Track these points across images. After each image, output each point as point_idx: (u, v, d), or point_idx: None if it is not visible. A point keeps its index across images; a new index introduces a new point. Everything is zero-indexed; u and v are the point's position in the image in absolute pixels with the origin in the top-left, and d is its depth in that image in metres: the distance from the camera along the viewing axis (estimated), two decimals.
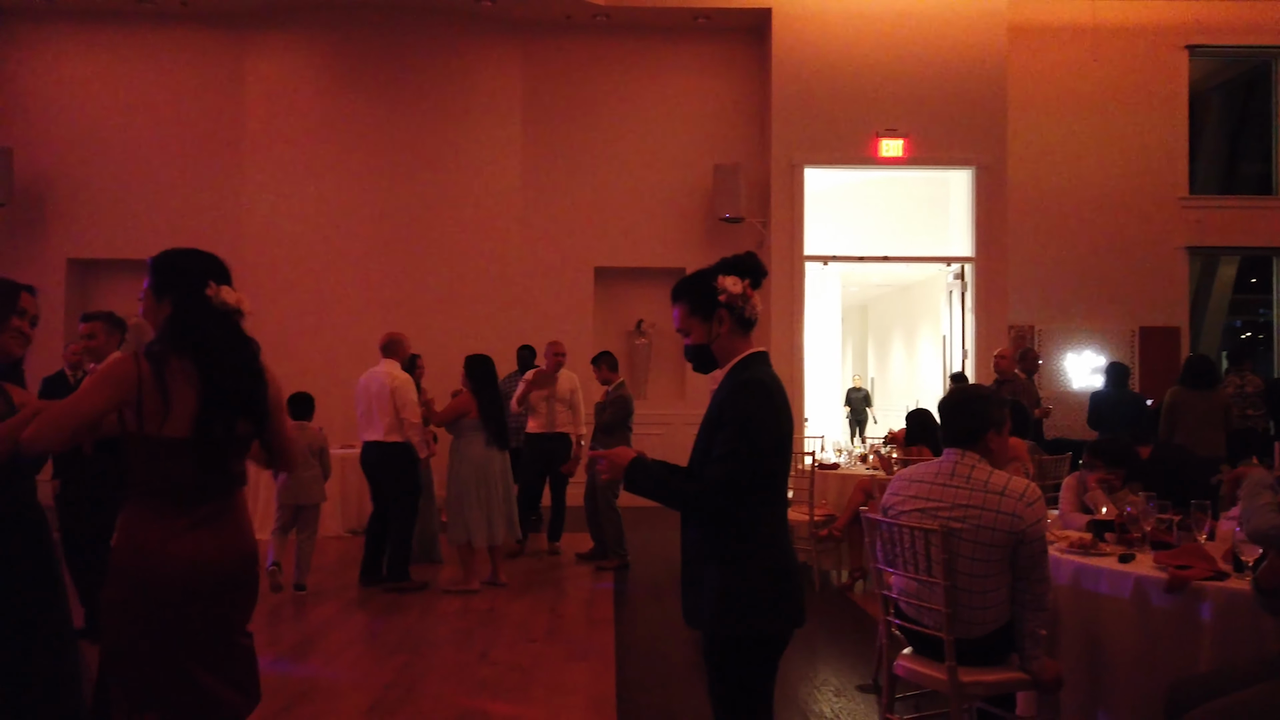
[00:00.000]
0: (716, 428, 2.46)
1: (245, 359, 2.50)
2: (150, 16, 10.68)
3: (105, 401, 2.31)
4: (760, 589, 2.42)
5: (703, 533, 2.50)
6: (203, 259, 2.51)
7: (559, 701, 4.34)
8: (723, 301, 2.52)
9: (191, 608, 2.36)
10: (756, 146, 10.90)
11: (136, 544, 2.35)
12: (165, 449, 2.35)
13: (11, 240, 10.52)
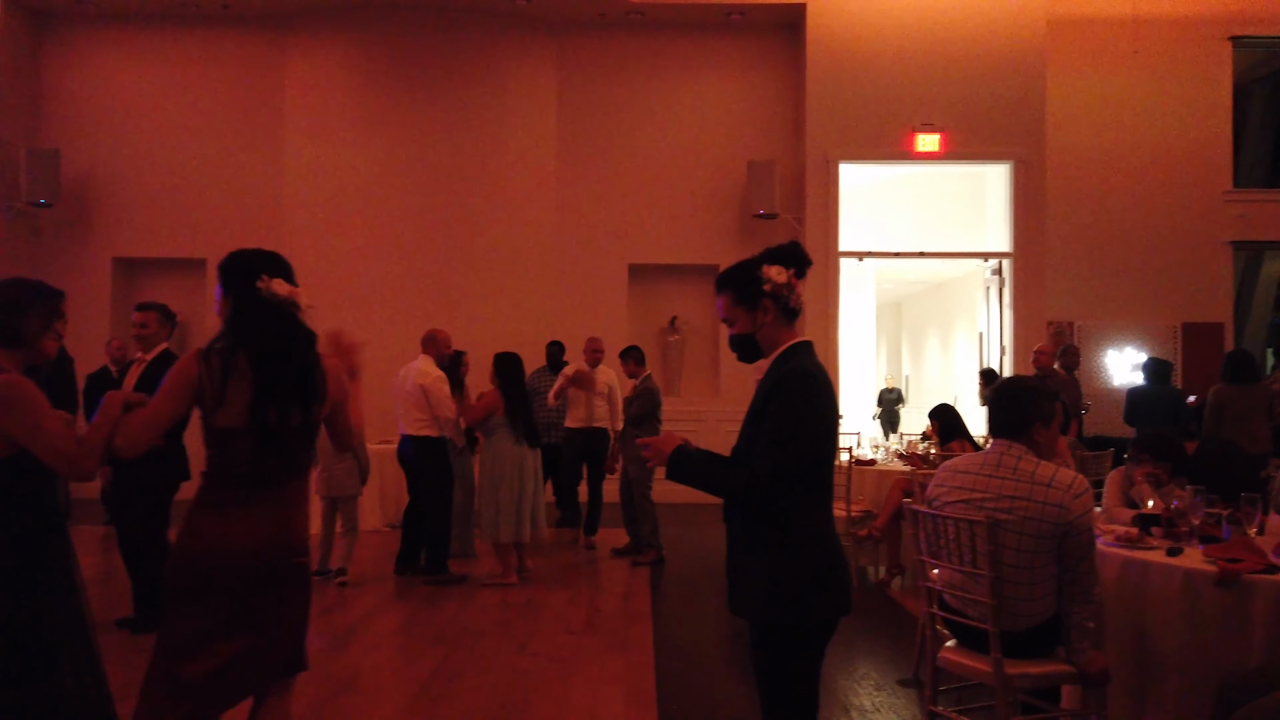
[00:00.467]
0: (762, 417, 2.47)
1: (296, 350, 2.57)
2: (192, 19, 10.87)
3: (181, 402, 2.49)
4: (807, 577, 2.43)
5: (749, 521, 2.51)
6: (258, 256, 2.64)
7: (599, 693, 4.37)
8: (767, 291, 2.53)
9: (212, 590, 2.47)
10: (791, 142, 10.87)
11: (185, 525, 2.52)
12: (223, 437, 2.48)
13: (58, 239, 10.75)
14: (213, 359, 2.50)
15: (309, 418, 2.59)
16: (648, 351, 10.79)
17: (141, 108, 10.93)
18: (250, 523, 2.50)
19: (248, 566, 2.49)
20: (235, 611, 2.49)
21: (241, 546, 2.49)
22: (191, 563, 2.48)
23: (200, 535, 2.49)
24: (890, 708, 4.21)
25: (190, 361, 2.49)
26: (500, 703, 4.22)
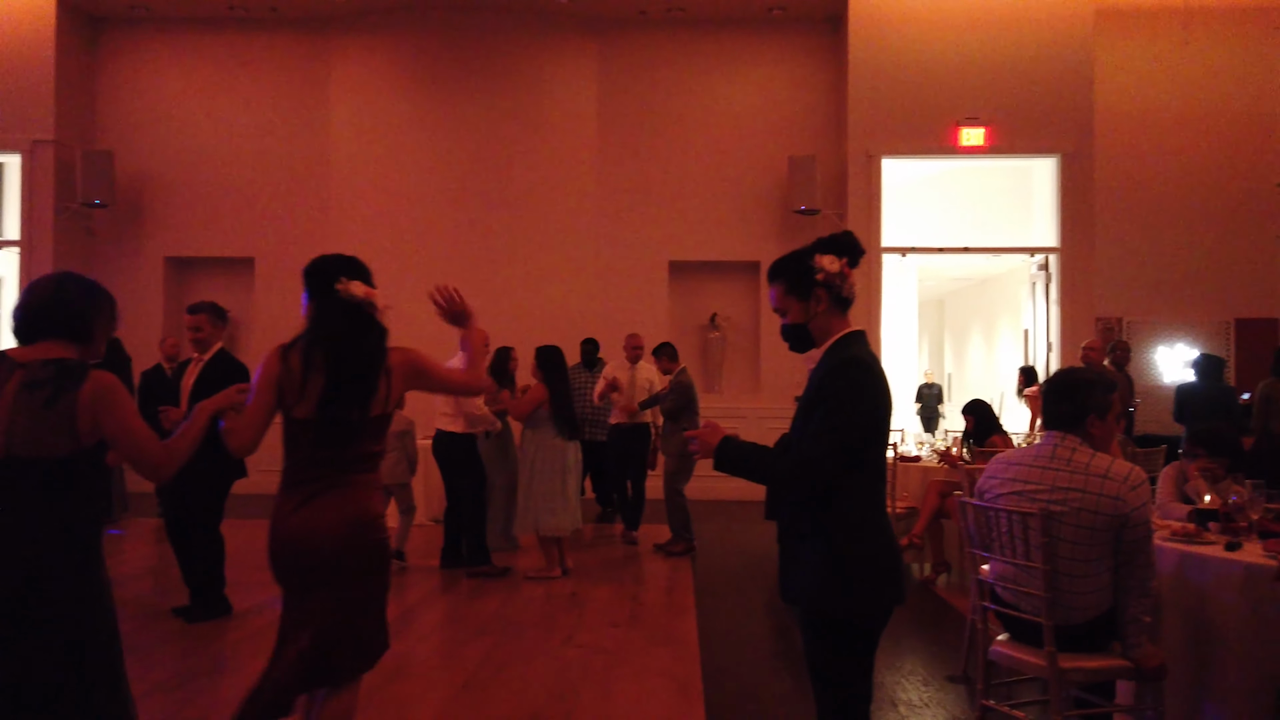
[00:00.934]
0: (814, 405, 2.47)
1: (365, 347, 2.72)
2: (241, 23, 11.07)
3: (271, 396, 2.70)
4: (860, 566, 2.42)
5: (800, 510, 2.50)
6: (337, 260, 2.82)
7: (646, 684, 4.39)
8: (820, 280, 2.52)
9: (298, 572, 2.67)
10: (832, 137, 10.81)
11: (273, 512, 2.73)
12: (298, 428, 2.68)
13: (113, 240, 11.01)
14: (292, 355, 2.70)
15: (367, 416, 2.71)
16: (688, 348, 10.86)
17: (192, 110, 11.16)
18: (327, 508, 2.65)
19: (327, 549, 2.64)
20: (319, 593, 2.65)
21: (320, 530, 2.64)
22: (279, 547, 2.69)
23: (283, 521, 2.68)
24: (939, 703, 4.19)
25: (271, 359, 2.71)
26: (548, 692, 4.26)
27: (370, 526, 2.71)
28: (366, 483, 2.72)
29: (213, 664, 4.71)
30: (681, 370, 7.77)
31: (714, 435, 2.53)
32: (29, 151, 10.50)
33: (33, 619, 2.31)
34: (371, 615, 2.75)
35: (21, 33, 10.49)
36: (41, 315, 2.50)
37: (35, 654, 2.31)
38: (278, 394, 2.68)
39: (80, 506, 2.45)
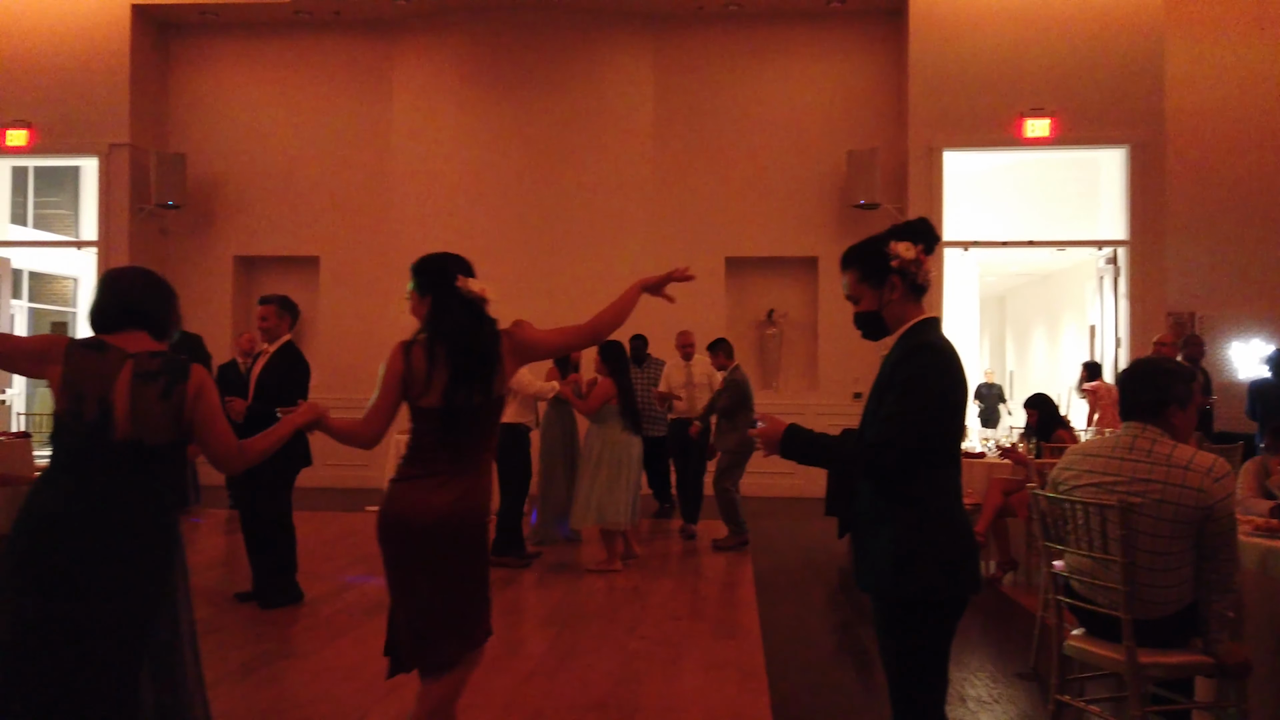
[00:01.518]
0: (887, 390, 2.45)
1: (482, 338, 2.87)
2: (307, 26, 11.33)
3: (394, 393, 2.85)
4: (934, 552, 2.40)
5: (874, 497, 2.49)
6: (450, 259, 2.99)
7: (710, 676, 4.40)
8: (894, 267, 2.51)
9: (410, 551, 2.77)
10: (893, 130, 10.69)
11: (388, 494, 2.84)
12: (424, 417, 2.83)
13: (185, 239, 11.35)
14: (415, 350, 2.85)
15: (490, 398, 2.86)
16: (745, 345, 10.83)
17: (259, 113, 11.44)
18: (442, 490, 2.78)
19: (438, 529, 2.77)
20: (429, 571, 2.77)
21: (434, 511, 2.76)
22: (390, 527, 2.79)
23: (398, 501, 2.79)
24: (1009, 699, 4.13)
25: (395, 356, 2.86)
26: (614, 681, 4.30)
27: (485, 510, 2.89)
28: (486, 467, 2.90)
29: (287, 649, 4.84)
30: (735, 368, 7.76)
31: (777, 426, 2.52)
32: (106, 155, 10.87)
33: (118, 593, 2.43)
34: (477, 597, 2.87)
35: (98, 42, 10.87)
36: (125, 308, 2.63)
37: (112, 629, 2.42)
38: (402, 389, 2.84)
39: (168, 489, 2.60)
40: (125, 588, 2.45)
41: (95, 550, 2.42)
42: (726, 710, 3.95)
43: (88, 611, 2.41)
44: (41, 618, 2.39)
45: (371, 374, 10.23)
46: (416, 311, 2.99)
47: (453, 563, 2.79)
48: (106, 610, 2.43)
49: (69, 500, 2.44)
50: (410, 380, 2.83)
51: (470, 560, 2.84)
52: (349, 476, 10.59)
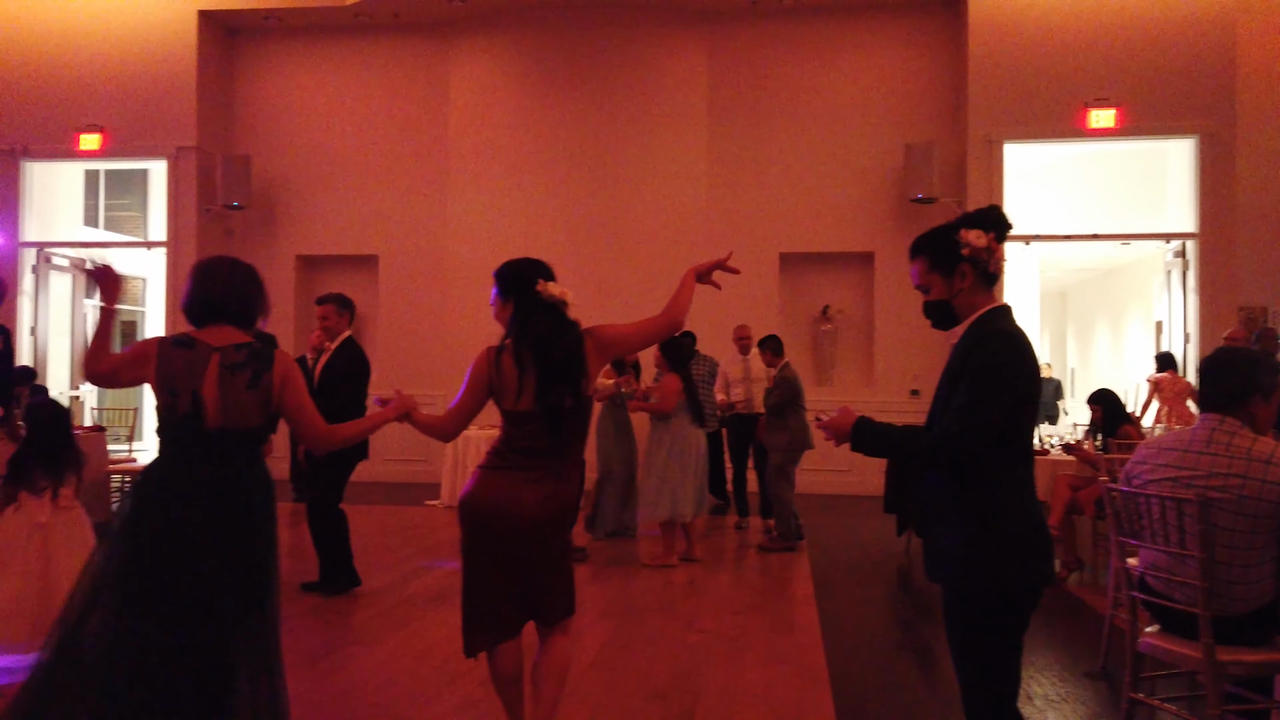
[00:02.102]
0: (958, 379, 2.42)
1: (566, 341, 2.95)
2: (366, 29, 11.52)
3: (478, 396, 2.96)
4: (1006, 542, 2.37)
5: (945, 486, 2.47)
6: (532, 264, 3.06)
7: (770, 670, 4.39)
8: (965, 256, 2.48)
9: (499, 538, 2.91)
10: (951, 123, 10.53)
11: (477, 482, 2.96)
12: (517, 419, 2.93)
13: (249, 239, 11.62)
14: (504, 355, 2.93)
15: (580, 399, 2.96)
16: (799, 341, 10.77)
17: (320, 114, 11.67)
18: (536, 486, 2.92)
19: (532, 521, 2.90)
20: (516, 559, 2.92)
21: (529, 504, 2.90)
22: (481, 513, 2.91)
23: (492, 489, 2.92)
24: (1077, 698, 4.05)
25: (482, 361, 2.95)
26: (673, 673, 4.31)
27: (573, 510, 3.04)
28: (578, 461, 3.02)
29: (352, 637, 4.94)
30: (785, 364, 7.69)
31: (847, 418, 2.51)
32: (174, 158, 11.18)
33: (243, 564, 2.64)
34: (566, 579, 3.08)
35: (167, 47, 11.19)
36: (210, 304, 2.77)
37: (210, 604, 2.58)
38: (487, 393, 2.95)
39: (262, 468, 2.81)
40: (229, 562, 2.61)
41: (200, 525, 2.59)
42: (789, 704, 3.94)
43: (192, 588, 2.55)
44: (149, 593, 2.53)
45: (428, 369, 10.59)
46: (500, 316, 3.07)
47: (556, 549, 2.96)
48: (210, 586, 2.57)
49: (176, 480, 2.64)
50: (500, 386, 2.93)
51: (562, 551, 3.01)
52: (406, 472, 10.76)
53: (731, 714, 3.82)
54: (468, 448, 9.19)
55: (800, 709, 3.88)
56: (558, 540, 3.01)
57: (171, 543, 2.57)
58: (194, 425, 2.65)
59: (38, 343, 11.39)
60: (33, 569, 4.15)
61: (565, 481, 2.98)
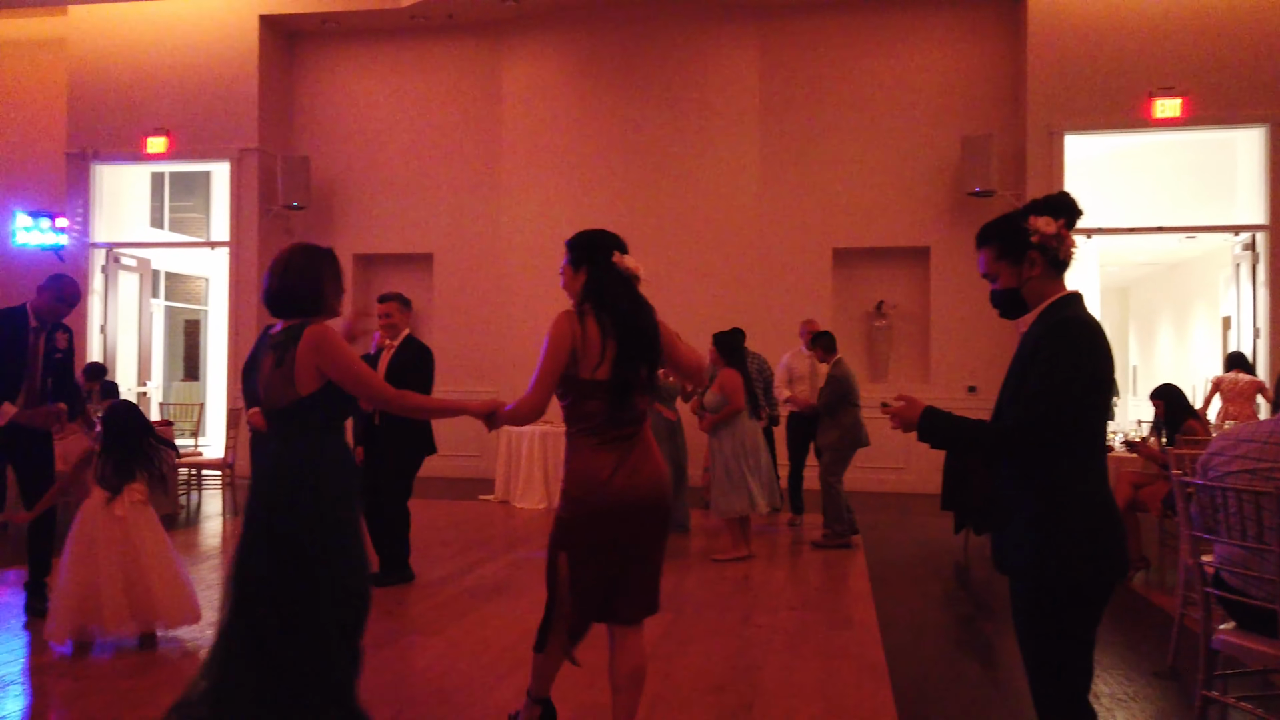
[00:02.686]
0: (1027, 368, 2.39)
1: (645, 315, 2.93)
2: (421, 31, 11.68)
3: (563, 357, 2.83)
4: (1078, 534, 2.33)
5: (1016, 476, 2.43)
6: (607, 235, 3.01)
7: (829, 665, 4.36)
8: (1035, 243, 2.44)
9: (595, 524, 2.84)
10: (1009, 114, 10.35)
11: (573, 465, 2.90)
12: (589, 390, 2.84)
13: (309, 238, 11.73)
14: (587, 320, 2.85)
15: (653, 372, 2.96)
16: (853, 337, 10.67)
17: (376, 115, 11.87)
18: (643, 464, 2.88)
19: (653, 500, 2.88)
20: (615, 544, 2.87)
21: (646, 484, 2.86)
22: (579, 503, 2.86)
23: (587, 480, 2.85)
24: (1145, 698, 3.96)
25: (565, 323, 2.84)
26: (731, 667, 4.31)
27: (668, 479, 2.99)
28: (646, 435, 2.97)
29: (413, 627, 5.01)
30: (837, 361, 7.62)
31: (914, 408, 2.49)
32: (237, 159, 11.46)
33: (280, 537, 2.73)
34: (656, 569, 3.00)
35: (230, 53, 11.46)
36: (278, 301, 2.88)
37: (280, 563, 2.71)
38: (570, 358, 2.83)
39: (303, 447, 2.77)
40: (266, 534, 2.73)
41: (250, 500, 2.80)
42: (848, 700, 3.91)
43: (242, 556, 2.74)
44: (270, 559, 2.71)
45: (482, 367, 10.73)
46: (569, 286, 3.02)
47: (659, 532, 2.94)
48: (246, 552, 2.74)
49: (265, 457, 2.86)
50: (583, 352, 2.83)
51: (659, 535, 2.96)
52: (461, 467, 10.90)
53: (790, 707, 3.80)
54: (521, 443, 9.28)
55: (860, 703, 3.86)
56: (652, 525, 2.92)
57: (246, 518, 2.80)
58: (264, 408, 2.87)
59: (106, 341, 11.75)
60: (111, 561, 4.38)
61: (649, 461, 2.91)
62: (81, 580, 4.34)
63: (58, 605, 4.37)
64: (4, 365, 5.04)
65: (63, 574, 4.40)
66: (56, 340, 5.23)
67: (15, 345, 5.08)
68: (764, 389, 8.35)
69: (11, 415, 4.97)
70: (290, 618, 2.66)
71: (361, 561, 2.86)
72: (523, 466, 9.24)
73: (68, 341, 5.32)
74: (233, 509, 8.87)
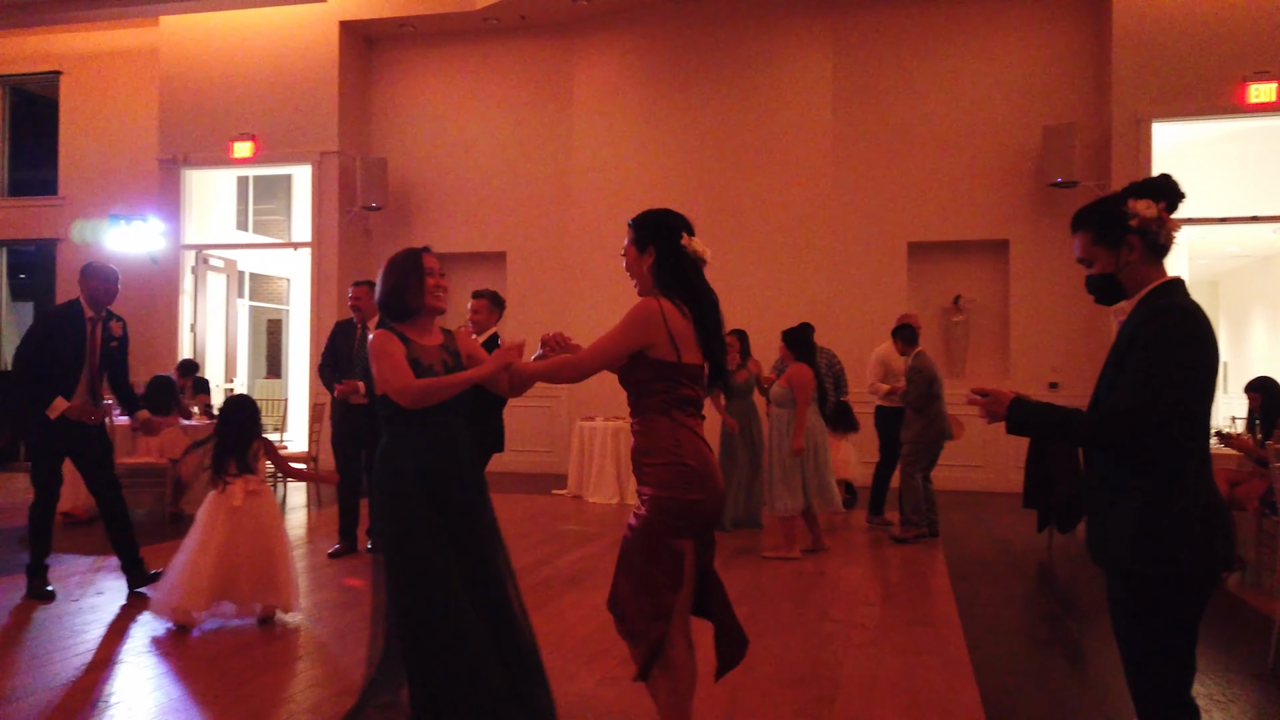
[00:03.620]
0: (1127, 355, 2.33)
1: (715, 300, 2.91)
2: (495, 33, 11.85)
3: (635, 342, 2.77)
4: (1179, 523, 2.26)
5: (1113, 466, 2.37)
6: (675, 216, 2.93)
7: (911, 661, 4.31)
8: (1134, 227, 2.38)
9: (715, 507, 2.83)
10: (1093, 102, 10.05)
11: (694, 454, 2.78)
12: (675, 372, 2.78)
13: (386, 239, 12.13)
14: (670, 307, 2.78)
15: (724, 358, 2.96)
16: (929, 332, 10.45)
17: (451, 116, 12.08)
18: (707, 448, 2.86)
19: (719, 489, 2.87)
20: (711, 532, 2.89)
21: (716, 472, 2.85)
22: (705, 484, 2.78)
23: (705, 462, 2.79)
24: (1244, 699, 3.83)
25: (652, 311, 2.76)
26: (810, 660, 4.29)
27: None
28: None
29: None
30: (918, 354, 7.49)
31: (1002, 399, 2.45)
32: (318, 162, 11.79)
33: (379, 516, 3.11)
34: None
35: (311, 59, 11.80)
36: (381, 311, 3.23)
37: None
38: (640, 346, 2.76)
39: (386, 435, 3.12)
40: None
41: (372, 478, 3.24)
42: (932, 696, 3.86)
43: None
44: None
45: None
46: (632, 268, 2.94)
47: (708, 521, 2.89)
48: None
49: None
50: (677, 336, 2.75)
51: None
52: (533, 462, 11.03)
53: (872, 702, 3.77)
54: (594, 439, 9.37)
55: (945, 699, 3.80)
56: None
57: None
58: None
59: (196, 339, 12.21)
60: (231, 542, 4.65)
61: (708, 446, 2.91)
62: (193, 563, 4.59)
63: (166, 585, 4.63)
64: (64, 358, 5.29)
65: (178, 555, 4.67)
66: (111, 329, 5.47)
67: (74, 337, 5.32)
68: (834, 384, 8.28)
69: (63, 409, 5.19)
70: (389, 576, 3.04)
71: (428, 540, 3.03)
72: (595, 461, 9.32)
73: (122, 330, 5.54)
74: (317, 501, 9.14)
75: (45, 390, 5.19)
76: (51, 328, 5.36)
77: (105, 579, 5.77)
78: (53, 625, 4.75)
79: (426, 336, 3.19)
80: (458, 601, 2.95)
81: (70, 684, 3.86)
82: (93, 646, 4.42)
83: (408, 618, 2.96)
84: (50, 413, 5.17)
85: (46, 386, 5.20)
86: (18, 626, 4.75)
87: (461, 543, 3.08)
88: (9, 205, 14.11)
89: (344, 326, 6.76)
